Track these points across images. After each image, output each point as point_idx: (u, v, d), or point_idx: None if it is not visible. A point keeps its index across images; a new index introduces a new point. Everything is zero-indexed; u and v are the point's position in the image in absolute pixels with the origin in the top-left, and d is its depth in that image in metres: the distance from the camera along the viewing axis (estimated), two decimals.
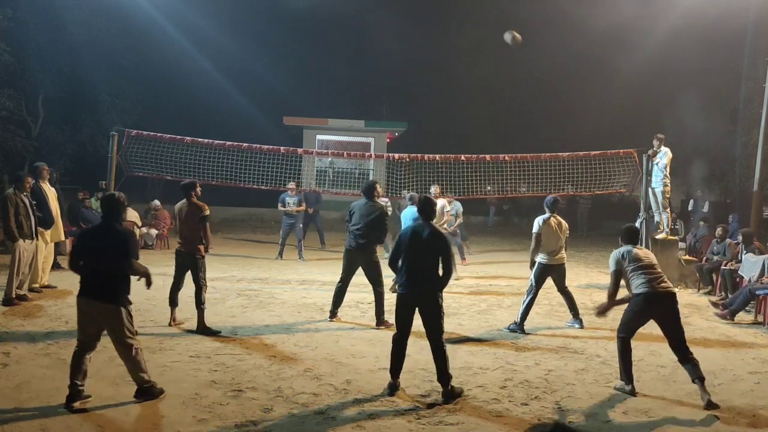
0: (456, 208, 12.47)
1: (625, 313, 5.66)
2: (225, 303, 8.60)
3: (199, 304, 7.02)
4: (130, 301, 4.86)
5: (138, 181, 16.09)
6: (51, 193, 9.17)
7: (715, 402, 5.14)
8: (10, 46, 17.60)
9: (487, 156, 12.61)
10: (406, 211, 9.85)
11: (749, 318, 8.72)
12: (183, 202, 7.24)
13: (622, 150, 12.20)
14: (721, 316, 8.62)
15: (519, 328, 7.53)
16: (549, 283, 7.96)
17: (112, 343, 4.87)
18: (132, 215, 13.23)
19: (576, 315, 7.90)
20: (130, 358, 4.82)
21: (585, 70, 27.07)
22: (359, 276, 7.76)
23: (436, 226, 5.54)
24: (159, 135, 12.13)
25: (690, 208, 18.61)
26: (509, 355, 6.51)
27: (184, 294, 7.34)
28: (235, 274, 11.06)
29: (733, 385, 5.69)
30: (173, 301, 7.31)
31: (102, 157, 12.81)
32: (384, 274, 7.56)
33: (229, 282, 10.28)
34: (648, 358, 6.46)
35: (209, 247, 7.23)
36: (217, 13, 26.64)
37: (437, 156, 12.94)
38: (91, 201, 13.75)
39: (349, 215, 7.73)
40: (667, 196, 11.36)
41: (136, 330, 4.92)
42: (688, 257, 12.14)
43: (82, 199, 13.45)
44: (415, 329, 6.96)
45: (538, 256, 7.75)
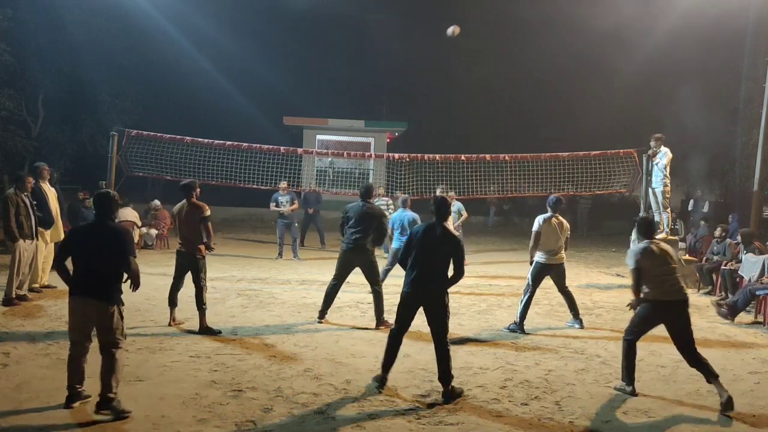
0: (458, 207, 12.93)
1: (634, 316, 5.60)
2: (225, 303, 8.60)
3: (201, 305, 7.02)
4: (123, 301, 4.77)
5: (138, 181, 16.10)
6: (51, 193, 9.18)
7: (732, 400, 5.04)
8: (10, 46, 17.61)
9: (487, 156, 12.62)
10: (395, 216, 9.77)
11: (749, 318, 8.73)
12: (183, 203, 7.21)
13: (622, 150, 12.22)
14: (724, 316, 8.62)
15: (519, 328, 7.53)
16: (549, 283, 7.96)
17: (98, 343, 4.69)
18: (132, 215, 13.22)
19: (576, 315, 7.89)
20: (111, 359, 4.61)
21: (585, 70, 27.10)
22: (360, 276, 7.75)
23: (448, 227, 5.53)
24: (159, 135, 12.14)
25: (690, 208, 18.63)
26: (509, 355, 6.51)
27: (183, 294, 7.34)
28: (235, 274, 11.06)
29: (733, 385, 5.68)
30: (172, 302, 7.31)
31: (102, 157, 12.82)
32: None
33: (229, 282, 10.28)
34: (648, 358, 6.46)
35: (212, 245, 7.21)
36: (217, 13, 26.68)
37: (437, 156, 12.95)
38: (91, 201, 13.73)
39: (345, 217, 7.67)
40: (667, 196, 11.36)
41: (126, 334, 4.79)
42: (688, 257, 12.14)
43: (82, 199, 13.42)
44: (414, 329, 6.99)
45: (536, 255, 7.75)
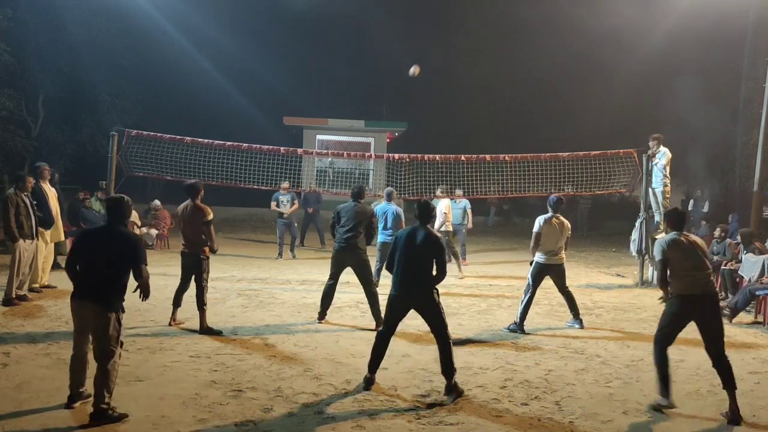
0: (464, 204, 13.22)
1: (662, 318, 5.35)
2: (225, 303, 8.60)
3: (201, 305, 7.02)
4: (123, 308, 4.69)
5: (138, 181, 16.08)
6: (51, 193, 9.18)
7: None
8: (10, 46, 17.61)
9: (487, 156, 12.62)
10: (379, 208, 9.79)
11: (749, 318, 8.73)
12: (187, 203, 7.20)
13: (622, 150, 12.21)
14: (723, 316, 8.60)
15: (519, 328, 7.53)
16: (549, 283, 7.95)
17: (92, 348, 4.64)
18: (132, 215, 13.23)
19: (576, 315, 7.88)
20: (104, 369, 4.50)
21: (585, 70, 27.12)
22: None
23: (432, 229, 5.58)
24: (159, 135, 12.12)
25: (690, 208, 18.61)
26: (509, 355, 6.51)
27: (185, 294, 7.35)
28: (236, 274, 11.06)
29: None
30: (177, 302, 7.32)
31: (102, 157, 12.81)
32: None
33: (230, 282, 10.28)
34: (648, 358, 6.43)
35: (215, 248, 7.20)
36: (217, 13, 26.70)
37: (437, 156, 12.94)
38: (91, 201, 13.77)
39: (336, 217, 7.69)
40: (667, 196, 11.36)
41: (123, 341, 4.71)
42: None
43: (82, 199, 13.45)
44: (414, 329, 7.00)
45: (536, 255, 7.75)
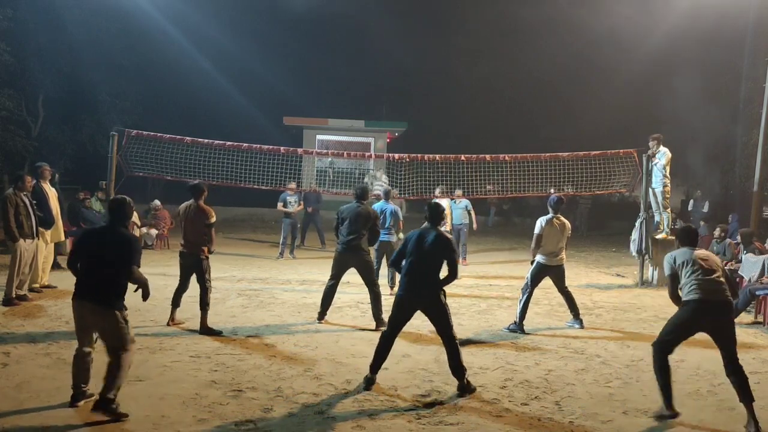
0: (465, 203, 13.28)
1: (667, 323, 5.09)
2: (225, 303, 8.60)
3: (204, 305, 7.01)
4: (125, 306, 4.70)
5: (138, 181, 16.08)
6: (51, 193, 9.18)
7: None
8: (10, 46, 17.59)
9: (487, 156, 12.62)
10: (375, 207, 9.53)
11: (749, 318, 8.73)
12: (190, 203, 7.20)
13: (622, 150, 12.21)
14: None
15: (519, 328, 7.53)
16: (549, 283, 7.95)
17: (104, 346, 4.69)
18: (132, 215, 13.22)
19: (576, 315, 7.88)
20: (115, 362, 4.56)
21: (585, 70, 27.12)
22: (360, 276, 7.75)
23: (442, 231, 5.59)
24: (159, 135, 12.12)
25: (690, 208, 18.62)
26: (509, 355, 6.51)
27: (185, 294, 7.35)
28: (236, 274, 11.06)
29: None
30: (176, 302, 7.32)
31: (102, 157, 12.81)
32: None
33: (230, 282, 10.28)
34: (648, 358, 6.40)
35: (212, 248, 7.21)
36: (217, 13, 26.68)
37: (437, 156, 12.95)
38: (91, 201, 13.76)
39: (339, 219, 7.67)
40: (667, 196, 11.38)
41: (132, 337, 4.73)
42: None
43: (82, 199, 13.44)
44: (414, 330, 7.00)
45: (537, 256, 7.74)
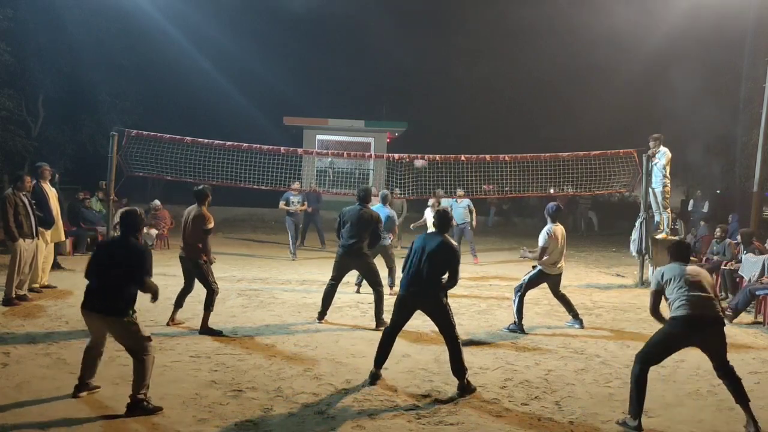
0: (467, 203, 13.29)
1: (654, 335, 4.88)
2: (225, 303, 8.59)
3: (208, 306, 7.00)
4: (134, 309, 4.79)
5: (138, 181, 16.09)
6: (51, 193, 9.17)
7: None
8: (10, 46, 17.60)
9: (487, 156, 12.61)
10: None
11: (749, 318, 8.73)
12: (194, 207, 7.23)
13: (622, 150, 12.21)
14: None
15: (518, 327, 7.53)
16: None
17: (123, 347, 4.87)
18: None
19: (576, 316, 7.86)
20: (138, 364, 4.68)
21: (585, 70, 27.13)
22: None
23: (448, 237, 5.64)
24: (159, 135, 12.11)
25: (690, 208, 18.63)
26: (509, 355, 6.51)
27: (187, 296, 7.36)
28: (236, 274, 11.06)
29: None
30: (178, 303, 7.32)
31: (102, 157, 12.80)
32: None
33: (230, 282, 10.27)
34: None
35: (210, 258, 7.18)
36: (217, 13, 26.70)
37: (437, 156, 12.94)
38: (91, 201, 13.77)
39: (341, 221, 7.66)
40: (667, 196, 11.37)
41: (149, 336, 4.80)
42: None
43: (82, 199, 13.45)
44: (414, 329, 7.00)
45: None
